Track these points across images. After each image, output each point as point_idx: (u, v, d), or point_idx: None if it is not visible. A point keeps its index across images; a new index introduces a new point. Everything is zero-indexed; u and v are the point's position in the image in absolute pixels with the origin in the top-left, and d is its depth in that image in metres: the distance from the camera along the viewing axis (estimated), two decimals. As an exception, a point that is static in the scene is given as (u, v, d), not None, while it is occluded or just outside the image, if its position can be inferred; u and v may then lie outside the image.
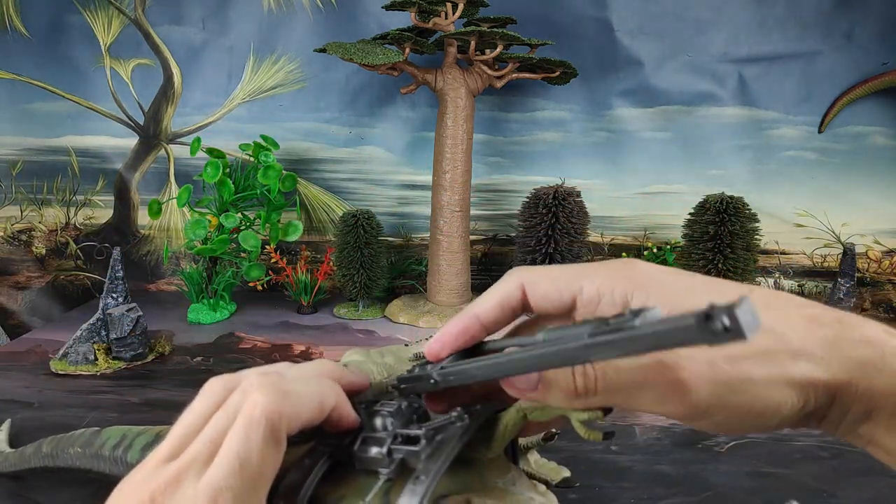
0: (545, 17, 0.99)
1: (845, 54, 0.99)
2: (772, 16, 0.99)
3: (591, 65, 1.01)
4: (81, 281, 1.15)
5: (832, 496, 0.50)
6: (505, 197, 1.10)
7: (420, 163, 1.08)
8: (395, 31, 0.84)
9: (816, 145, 1.03)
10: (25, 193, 1.13)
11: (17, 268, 1.15)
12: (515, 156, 1.09)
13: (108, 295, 0.80)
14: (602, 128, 1.06)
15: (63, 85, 1.08)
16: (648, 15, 1.00)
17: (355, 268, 0.94)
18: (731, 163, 1.04)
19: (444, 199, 0.92)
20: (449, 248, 0.93)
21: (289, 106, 1.08)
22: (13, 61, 1.07)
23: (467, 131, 0.91)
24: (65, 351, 0.76)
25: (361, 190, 1.11)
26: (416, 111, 1.08)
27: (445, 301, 0.95)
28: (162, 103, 1.09)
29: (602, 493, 0.50)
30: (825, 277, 1.05)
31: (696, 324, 0.16)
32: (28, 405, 0.66)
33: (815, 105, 1.01)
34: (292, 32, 1.06)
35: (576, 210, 0.86)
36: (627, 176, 1.07)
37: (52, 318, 1.11)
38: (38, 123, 1.09)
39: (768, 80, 1.01)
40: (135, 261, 1.13)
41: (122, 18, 1.06)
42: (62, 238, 1.14)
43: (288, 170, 1.00)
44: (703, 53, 1.01)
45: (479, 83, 0.90)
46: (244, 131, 1.07)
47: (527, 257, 0.89)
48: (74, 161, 1.11)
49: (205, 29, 1.07)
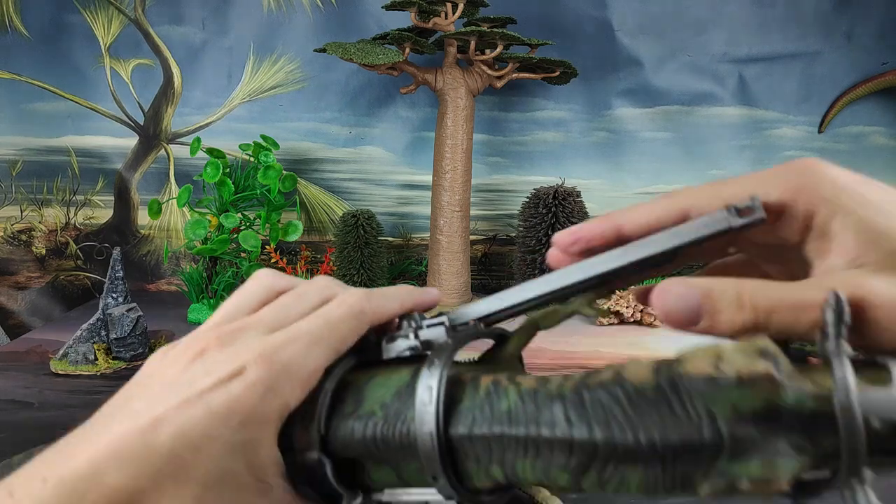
0: (545, 17, 0.99)
1: (845, 54, 0.99)
2: (772, 16, 0.99)
3: (591, 65, 1.01)
4: (81, 281, 1.16)
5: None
6: (505, 197, 1.10)
7: (420, 163, 1.08)
8: (395, 31, 0.84)
9: (816, 145, 1.03)
10: (25, 193, 1.13)
11: (17, 268, 1.14)
12: (515, 156, 1.09)
13: (108, 295, 0.80)
14: (602, 128, 1.06)
15: (63, 85, 1.08)
16: (648, 15, 1.00)
17: (355, 268, 0.94)
18: (731, 163, 1.04)
19: (444, 199, 0.92)
20: (449, 248, 0.94)
21: (289, 106, 1.08)
22: (13, 61, 1.07)
23: (467, 131, 0.91)
24: (65, 351, 0.76)
25: (361, 190, 1.11)
26: (416, 111, 1.08)
27: (445, 301, 0.95)
28: (162, 103, 1.09)
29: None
30: (825, 277, 1.05)
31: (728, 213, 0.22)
32: (28, 405, 0.66)
33: (815, 105, 1.01)
34: (292, 32, 1.06)
35: (576, 210, 0.87)
36: (627, 176, 1.07)
37: (52, 318, 1.11)
38: (38, 123, 1.09)
39: (768, 80, 1.01)
40: (135, 261, 1.13)
41: (122, 18, 1.06)
42: (62, 238, 1.14)
43: (288, 170, 1.00)
44: (703, 53, 1.01)
45: (479, 83, 0.90)
46: (244, 131, 1.07)
47: (527, 257, 0.89)
48: (74, 161, 1.11)
49: (205, 29, 1.07)
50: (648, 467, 0.20)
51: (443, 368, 0.24)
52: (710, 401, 0.20)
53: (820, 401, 0.19)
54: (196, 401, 0.22)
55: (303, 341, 0.24)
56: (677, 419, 0.20)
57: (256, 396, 0.22)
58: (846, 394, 0.18)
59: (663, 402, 0.20)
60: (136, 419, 0.21)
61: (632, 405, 0.21)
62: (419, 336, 0.27)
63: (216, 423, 0.21)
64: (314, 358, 0.24)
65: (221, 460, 0.21)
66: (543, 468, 0.22)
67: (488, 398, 0.23)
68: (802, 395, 0.19)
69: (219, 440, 0.21)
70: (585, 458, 0.21)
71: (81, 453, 0.21)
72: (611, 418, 0.21)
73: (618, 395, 0.21)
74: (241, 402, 0.22)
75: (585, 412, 0.21)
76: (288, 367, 0.23)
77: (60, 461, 0.21)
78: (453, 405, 0.24)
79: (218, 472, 0.21)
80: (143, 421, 0.21)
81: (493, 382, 0.24)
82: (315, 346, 0.24)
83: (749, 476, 0.19)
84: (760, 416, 0.19)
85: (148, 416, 0.21)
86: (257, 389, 0.22)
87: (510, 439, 0.22)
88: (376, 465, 0.25)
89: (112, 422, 0.22)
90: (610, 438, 0.21)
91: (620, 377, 0.21)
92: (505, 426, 0.22)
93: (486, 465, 0.23)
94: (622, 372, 0.21)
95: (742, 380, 0.19)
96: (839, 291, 0.19)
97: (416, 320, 0.28)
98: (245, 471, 0.22)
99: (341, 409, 0.25)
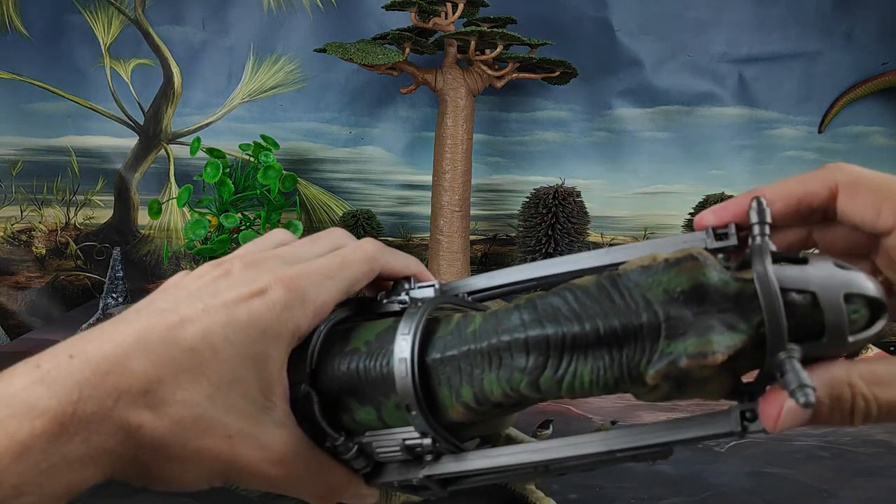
0: (545, 17, 0.99)
1: (845, 54, 0.99)
2: (772, 16, 0.99)
3: (591, 65, 1.00)
4: (81, 281, 1.15)
5: (832, 496, 0.50)
6: (505, 197, 1.10)
7: (420, 163, 1.08)
8: (395, 31, 0.84)
9: (816, 145, 1.03)
10: (25, 193, 1.12)
11: (17, 268, 1.14)
12: (515, 156, 1.08)
13: (109, 295, 0.80)
14: (602, 128, 1.06)
15: (63, 85, 1.08)
16: (648, 15, 1.00)
17: (355, 268, 0.94)
18: (731, 163, 1.04)
19: (444, 199, 0.92)
20: (449, 248, 0.94)
21: (289, 106, 1.08)
22: (13, 61, 1.07)
23: (467, 131, 0.91)
24: (65, 351, 0.76)
25: (361, 190, 1.11)
26: (416, 111, 1.08)
27: (445, 301, 0.95)
28: (162, 103, 1.09)
29: (602, 493, 0.50)
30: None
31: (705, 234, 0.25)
32: (28, 405, 0.66)
33: (815, 105, 1.01)
34: (292, 32, 1.06)
35: (576, 210, 0.87)
36: (627, 176, 1.07)
37: (52, 318, 1.11)
38: (38, 123, 1.09)
39: (768, 80, 1.01)
40: (135, 261, 1.13)
41: (122, 18, 1.06)
42: (62, 238, 1.14)
43: (288, 170, 1.00)
44: (703, 53, 1.01)
45: (479, 83, 0.90)
46: (244, 131, 1.07)
47: (527, 257, 0.89)
48: (74, 161, 1.11)
49: (205, 29, 1.07)
50: (597, 358, 0.22)
51: (425, 309, 0.26)
52: (644, 288, 0.22)
53: (742, 281, 0.21)
54: (220, 308, 0.24)
55: (320, 273, 0.26)
56: (616, 307, 0.22)
57: (274, 314, 0.24)
58: (763, 267, 0.21)
59: (605, 296, 0.22)
60: (163, 316, 0.23)
61: (577, 302, 0.23)
62: (409, 294, 0.29)
63: (236, 331, 0.23)
64: (327, 290, 0.26)
65: (235, 365, 0.23)
66: (507, 377, 0.24)
67: (457, 326, 0.25)
68: (725, 275, 0.21)
69: (236, 346, 0.23)
70: (540, 356, 0.23)
71: (108, 338, 0.22)
72: (559, 315, 0.23)
73: (566, 296, 0.23)
74: (261, 317, 0.24)
75: (537, 314, 0.23)
76: (304, 294, 0.25)
77: (87, 343, 0.22)
78: (429, 337, 0.25)
79: (230, 375, 0.23)
80: (170, 318, 0.23)
81: (463, 315, 0.26)
82: (329, 280, 0.26)
83: (687, 353, 0.21)
84: (690, 296, 0.21)
85: (175, 315, 0.23)
86: (276, 308, 0.24)
87: (476, 353, 0.24)
88: (359, 405, 0.26)
89: (138, 317, 0.23)
90: (559, 331, 0.23)
91: (569, 284, 0.24)
92: (471, 343, 0.24)
93: (457, 386, 0.24)
94: (572, 281, 0.24)
95: (669, 263, 0.22)
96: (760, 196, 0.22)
97: (409, 283, 0.30)
98: (254, 381, 0.24)
99: (330, 349, 0.27)
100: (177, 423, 0.22)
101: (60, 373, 0.21)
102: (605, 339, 0.22)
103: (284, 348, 0.25)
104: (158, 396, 0.22)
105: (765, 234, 0.22)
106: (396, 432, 0.26)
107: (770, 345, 0.20)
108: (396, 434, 0.26)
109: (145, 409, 0.21)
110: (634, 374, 0.22)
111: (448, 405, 0.25)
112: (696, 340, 0.21)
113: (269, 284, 0.25)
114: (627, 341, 0.22)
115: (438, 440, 0.25)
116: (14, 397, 0.20)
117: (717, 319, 0.21)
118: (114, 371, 0.21)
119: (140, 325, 0.23)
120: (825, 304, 0.20)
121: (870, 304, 0.20)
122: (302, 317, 0.25)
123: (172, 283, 0.26)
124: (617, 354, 0.22)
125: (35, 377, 0.21)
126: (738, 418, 0.22)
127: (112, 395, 0.21)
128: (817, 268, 0.21)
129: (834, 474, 0.53)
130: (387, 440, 0.26)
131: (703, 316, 0.21)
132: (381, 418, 0.26)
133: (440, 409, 0.25)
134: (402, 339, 0.25)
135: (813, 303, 0.20)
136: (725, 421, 0.22)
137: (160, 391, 0.22)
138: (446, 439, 0.25)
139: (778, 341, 0.20)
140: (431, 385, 0.25)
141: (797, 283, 0.20)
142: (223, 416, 0.23)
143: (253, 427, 0.24)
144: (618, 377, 0.22)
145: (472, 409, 0.24)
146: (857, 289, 0.20)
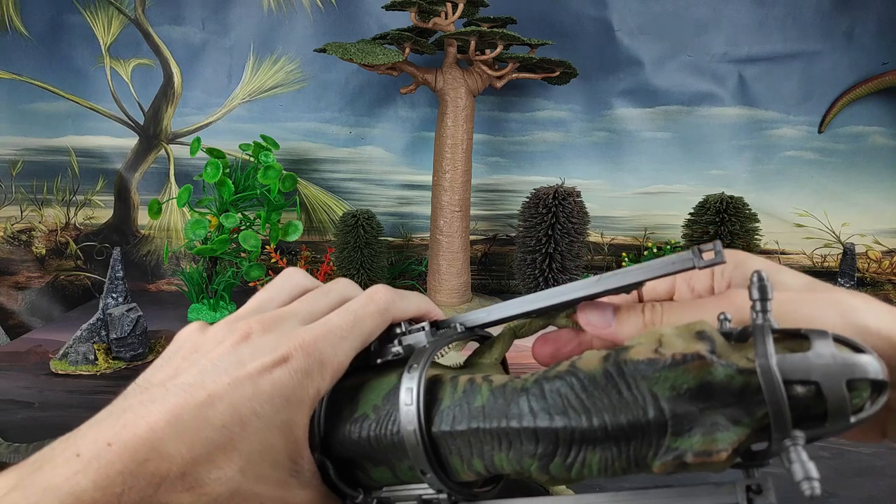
0: (545, 17, 0.99)
1: (845, 54, 0.99)
2: (772, 16, 0.99)
3: (591, 65, 1.01)
4: (81, 281, 1.16)
5: (832, 496, 0.50)
6: (505, 197, 1.10)
7: (420, 163, 1.08)
8: (395, 31, 0.84)
9: (816, 145, 1.03)
10: (25, 193, 1.13)
11: (17, 268, 1.14)
12: (515, 156, 1.08)
13: (108, 295, 0.80)
14: (602, 128, 1.06)
15: (63, 85, 1.08)
16: (648, 15, 1.00)
17: (355, 268, 0.94)
18: (731, 163, 1.04)
19: (444, 199, 0.92)
20: (449, 248, 0.94)
21: (289, 106, 1.08)
22: (13, 61, 1.07)
23: (467, 131, 0.91)
24: (65, 351, 0.76)
25: (361, 190, 1.11)
26: (416, 111, 1.08)
27: (446, 301, 0.95)
28: (162, 103, 1.09)
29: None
30: (825, 277, 1.05)
31: (692, 254, 0.24)
32: (28, 405, 0.66)
33: (815, 105, 1.01)
34: (292, 32, 1.06)
35: (576, 210, 0.87)
36: (627, 176, 1.07)
37: (52, 318, 1.11)
38: (38, 123, 1.09)
39: (768, 80, 1.01)
40: (135, 261, 1.13)
41: (122, 18, 1.06)
42: (62, 238, 1.14)
43: (288, 170, 1.00)
44: (703, 53, 1.01)
45: (479, 83, 0.90)
46: (244, 131, 1.07)
47: (527, 257, 0.89)
48: (74, 161, 1.11)
49: (205, 29, 1.07)
50: (605, 449, 0.22)
51: (421, 371, 0.26)
52: (651, 383, 0.22)
53: (746, 374, 0.21)
54: (246, 381, 0.24)
55: (335, 334, 0.27)
56: (624, 402, 0.22)
57: (296, 382, 0.25)
58: (766, 359, 0.20)
59: (612, 387, 0.22)
60: (192, 393, 0.24)
61: (585, 392, 0.23)
62: (402, 342, 0.29)
63: (262, 403, 0.24)
64: (344, 351, 0.27)
65: (264, 436, 0.24)
66: (517, 458, 0.24)
67: (465, 396, 0.25)
68: (730, 370, 0.21)
69: (263, 418, 0.24)
70: (550, 445, 0.23)
71: (141, 421, 0.23)
72: (567, 406, 0.23)
73: (573, 383, 0.23)
74: (284, 385, 0.25)
75: (546, 402, 0.23)
76: (322, 358, 0.26)
77: (121, 427, 0.23)
78: (436, 404, 0.26)
79: (260, 446, 0.24)
80: (199, 396, 0.24)
81: (469, 381, 0.26)
82: (344, 342, 0.27)
83: (693, 450, 0.21)
84: (696, 394, 0.21)
85: (203, 391, 0.24)
86: (297, 376, 0.25)
87: (485, 433, 0.24)
88: (374, 465, 0.27)
89: (167, 394, 0.24)
90: (568, 425, 0.23)
91: (574, 367, 0.23)
92: (480, 421, 0.24)
93: (468, 458, 0.25)
94: (576, 362, 0.24)
95: (676, 361, 0.21)
96: (762, 271, 0.22)
97: (401, 327, 0.30)
98: (283, 448, 0.25)
99: (338, 413, 0.27)
100: (214, 501, 0.23)
101: (101, 462, 0.21)
102: (613, 435, 0.22)
103: (307, 412, 0.26)
104: (194, 478, 0.23)
105: (766, 310, 0.22)
106: (413, 488, 0.27)
107: (774, 433, 0.21)
108: (413, 490, 0.27)
109: (184, 491, 0.22)
110: (642, 464, 0.22)
111: (460, 471, 0.25)
112: (701, 439, 0.21)
113: (290, 352, 0.25)
114: (635, 436, 0.22)
115: (454, 495, 0.26)
116: (59, 489, 0.21)
117: (722, 415, 0.21)
118: (151, 458, 0.22)
119: (170, 404, 0.23)
120: (828, 393, 0.20)
121: (872, 384, 0.20)
122: (321, 381, 0.26)
123: (191, 345, 0.27)
124: (625, 447, 0.22)
125: (77, 467, 0.21)
126: (743, 492, 0.22)
127: (153, 484, 0.22)
128: (819, 352, 0.20)
129: (834, 474, 0.53)
130: (404, 495, 0.27)
131: (708, 412, 0.21)
132: (397, 476, 0.27)
133: (452, 472, 0.26)
134: (405, 408, 0.25)
135: (816, 393, 0.20)
136: (731, 494, 0.23)
137: (196, 472, 0.23)
138: (461, 493, 0.26)
139: (782, 431, 0.20)
140: (442, 452, 0.25)
141: (800, 373, 0.20)
142: (254, 486, 0.24)
143: (283, 491, 0.25)
144: (625, 467, 0.23)
145: (484, 475, 0.25)
146: (861, 374, 0.20)
